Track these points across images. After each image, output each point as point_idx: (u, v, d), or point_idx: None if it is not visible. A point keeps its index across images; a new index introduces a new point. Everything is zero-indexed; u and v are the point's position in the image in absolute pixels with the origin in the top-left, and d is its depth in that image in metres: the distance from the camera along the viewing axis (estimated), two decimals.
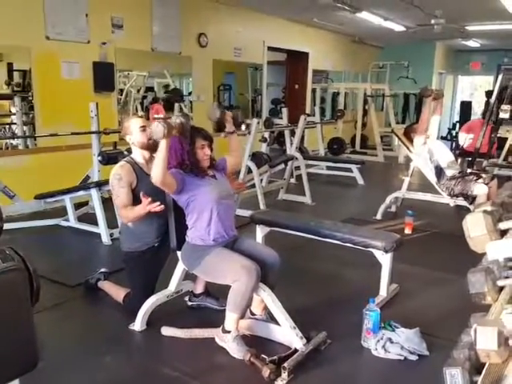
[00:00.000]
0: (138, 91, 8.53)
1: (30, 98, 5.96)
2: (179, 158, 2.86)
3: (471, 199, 4.82)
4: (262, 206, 5.67)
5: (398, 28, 10.21)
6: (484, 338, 1.11)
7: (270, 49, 9.84)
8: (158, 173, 2.65)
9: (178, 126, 2.67)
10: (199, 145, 2.89)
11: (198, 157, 2.89)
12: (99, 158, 4.88)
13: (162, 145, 2.63)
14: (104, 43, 6.36)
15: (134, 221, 3.05)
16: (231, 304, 2.72)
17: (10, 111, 6.51)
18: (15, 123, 6.42)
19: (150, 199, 2.83)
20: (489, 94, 10.11)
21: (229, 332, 2.75)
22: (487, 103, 7.63)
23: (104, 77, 6.42)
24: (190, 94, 8.50)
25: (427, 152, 5.22)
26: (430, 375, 2.40)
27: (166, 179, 2.70)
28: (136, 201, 3.07)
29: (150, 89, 8.87)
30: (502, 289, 1.47)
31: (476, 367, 1.35)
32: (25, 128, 6.32)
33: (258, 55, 9.57)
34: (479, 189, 4.78)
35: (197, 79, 8.21)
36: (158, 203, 2.83)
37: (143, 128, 3.15)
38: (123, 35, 6.62)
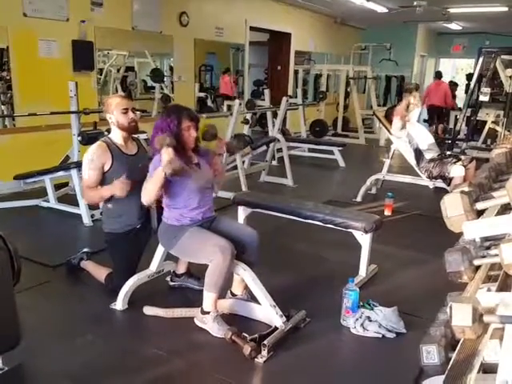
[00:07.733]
0: (118, 71, 8.42)
1: (8, 78, 5.85)
2: None
3: (449, 181, 4.88)
4: (243, 188, 5.67)
5: (381, 9, 10.20)
6: (459, 315, 1.13)
7: (253, 29, 9.74)
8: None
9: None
10: (185, 126, 2.80)
11: (183, 138, 2.82)
12: (79, 138, 4.84)
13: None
14: (83, 21, 6.24)
15: (93, 202, 3.03)
16: (208, 284, 2.71)
17: None
18: None
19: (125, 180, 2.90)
20: (470, 76, 10.19)
21: (208, 313, 2.74)
22: (468, 86, 7.68)
23: (83, 56, 6.31)
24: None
25: (406, 136, 5.26)
26: (407, 352, 2.46)
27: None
28: (104, 184, 3.07)
29: (130, 68, 8.76)
30: (478, 268, 1.50)
31: (452, 344, 1.39)
32: (3, 107, 6.21)
33: (240, 35, 9.48)
34: (455, 170, 4.84)
35: (178, 59, 8.11)
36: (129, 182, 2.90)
37: (125, 110, 3.10)
38: (103, 13, 6.50)
